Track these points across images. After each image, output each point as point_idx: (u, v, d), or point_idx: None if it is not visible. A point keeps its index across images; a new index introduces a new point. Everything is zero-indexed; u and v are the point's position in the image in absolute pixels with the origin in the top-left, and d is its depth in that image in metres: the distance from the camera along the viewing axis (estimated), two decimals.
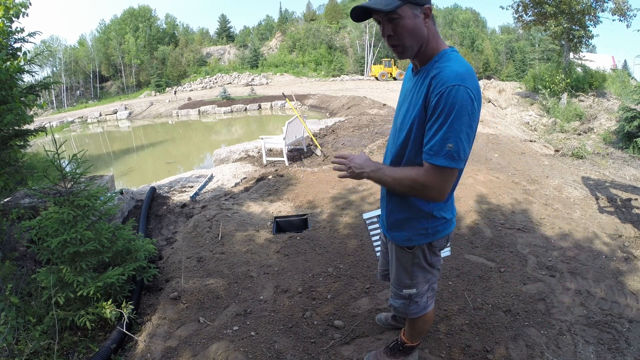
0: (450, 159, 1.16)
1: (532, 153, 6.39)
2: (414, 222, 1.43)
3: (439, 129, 1.16)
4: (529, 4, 11.62)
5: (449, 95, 1.13)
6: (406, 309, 1.61)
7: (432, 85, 1.18)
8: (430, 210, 1.40)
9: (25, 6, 3.38)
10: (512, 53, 47.67)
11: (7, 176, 3.27)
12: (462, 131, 1.15)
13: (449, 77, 1.14)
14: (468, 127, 1.16)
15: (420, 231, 1.43)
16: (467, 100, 1.13)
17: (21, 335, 2.07)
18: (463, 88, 1.13)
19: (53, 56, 40.88)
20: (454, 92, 1.12)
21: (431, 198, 1.29)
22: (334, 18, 51.21)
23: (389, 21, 1.21)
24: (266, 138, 6.47)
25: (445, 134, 1.15)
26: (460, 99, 1.13)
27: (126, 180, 9.32)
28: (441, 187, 1.22)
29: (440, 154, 1.17)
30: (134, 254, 2.61)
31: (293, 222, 3.92)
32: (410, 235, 1.45)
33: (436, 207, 1.40)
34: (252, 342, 2.16)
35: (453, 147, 1.15)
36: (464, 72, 1.16)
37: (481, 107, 1.26)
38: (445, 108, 1.14)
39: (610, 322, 2.22)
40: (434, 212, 1.41)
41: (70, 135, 20.05)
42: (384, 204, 1.55)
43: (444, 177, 1.20)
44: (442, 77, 1.16)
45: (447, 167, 1.18)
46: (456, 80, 1.13)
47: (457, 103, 1.13)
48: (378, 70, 32.89)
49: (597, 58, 15.93)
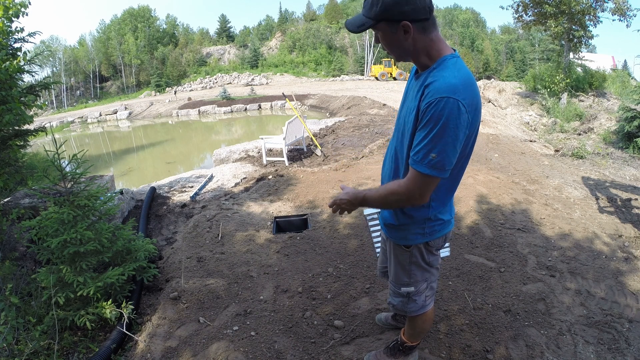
0: (432, 168, 1.19)
1: (532, 153, 6.39)
2: (411, 225, 1.45)
3: (425, 137, 1.18)
4: (529, 4, 11.62)
5: (437, 106, 1.14)
6: (404, 306, 1.63)
7: (424, 93, 1.20)
8: (428, 215, 1.42)
9: (25, 6, 3.37)
10: (512, 53, 47.71)
11: (7, 176, 3.27)
12: (448, 143, 1.17)
13: (439, 89, 1.15)
14: (454, 138, 1.17)
15: (417, 231, 1.45)
16: (455, 112, 1.14)
17: (21, 335, 2.07)
18: (453, 100, 1.13)
19: (53, 56, 40.89)
20: (443, 103, 1.13)
21: (413, 204, 1.33)
22: (334, 18, 51.24)
23: (376, 34, 1.28)
24: (266, 138, 6.47)
25: (430, 144, 1.17)
26: (448, 111, 1.13)
27: (126, 180, 9.31)
28: (422, 193, 1.26)
29: (423, 162, 1.19)
30: (134, 254, 2.61)
31: (293, 222, 3.92)
32: (407, 235, 1.47)
33: (433, 210, 1.41)
34: (252, 342, 2.16)
35: (436, 157, 1.17)
36: (457, 83, 1.16)
37: (480, 114, 1.27)
38: (433, 118, 1.15)
39: (610, 322, 2.22)
40: (431, 216, 1.43)
41: (70, 135, 20.06)
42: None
43: (425, 183, 1.24)
44: (433, 87, 1.17)
45: (429, 175, 1.21)
46: (447, 92, 1.14)
47: (445, 115, 1.14)
48: (378, 70, 32.89)
49: (597, 58, 15.93)
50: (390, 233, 1.53)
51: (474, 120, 1.21)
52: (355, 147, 6.86)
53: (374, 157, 6.05)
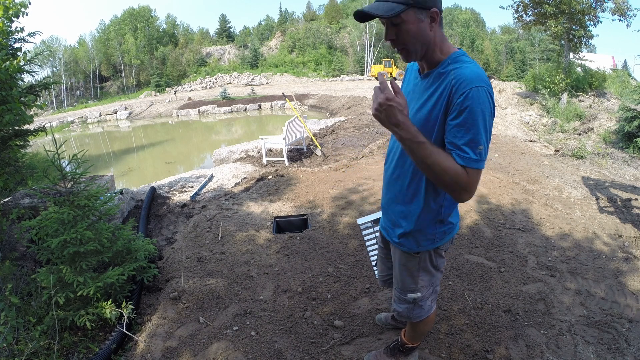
0: (481, 161, 1.17)
1: (532, 153, 6.39)
2: (424, 230, 1.41)
3: (468, 130, 1.14)
4: (529, 4, 11.63)
5: (473, 97, 1.12)
6: (410, 313, 1.59)
7: (453, 86, 1.16)
8: (443, 217, 1.39)
9: (25, 6, 3.37)
10: (512, 53, 47.68)
11: (7, 176, 3.27)
12: (488, 131, 1.16)
13: (472, 79, 1.13)
14: (490, 126, 1.17)
15: (428, 237, 1.42)
16: (488, 100, 1.14)
17: (21, 335, 2.07)
18: (484, 88, 1.13)
19: (53, 56, 40.86)
20: (479, 92, 1.12)
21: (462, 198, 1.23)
22: (334, 18, 51.21)
23: (392, 25, 1.18)
24: (266, 138, 6.47)
25: (475, 136, 1.14)
26: (482, 99, 1.12)
27: (126, 180, 9.32)
28: (475, 188, 1.22)
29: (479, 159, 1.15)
30: (134, 254, 2.61)
31: (293, 222, 3.92)
32: (419, 242, 1.43)
33: (447, 213, 1.39)
34: (252, 342, 2.16)
35: (483, 149, 1.15)
36: (482, 73, 1.16)
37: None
38: (472, 110, 1.12)
39: (610, 322, 2.22)
40: (445, 219, 1.40)
41: (70, 135, 20.06)
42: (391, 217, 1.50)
43: (478, 178, 1.20)
44: (464, 78, 1.14)
45: (480, 170, 1.18)
46: (478, 81, 1.13)
47: (481, 104, 1.12)
48: (378, 70, 32.89)
49: (597, 58, 15.94)
50: (400, 242, 1.47)
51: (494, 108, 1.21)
52: (355, 147, 6.85)
53: (374, 157, 6.05)
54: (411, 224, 1.40)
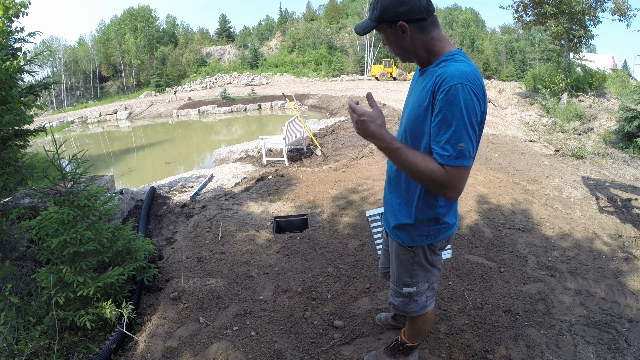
0: (463, 158, 1.17)
1: (532, 153, 6.39)
2: (418, 226, 1.44)
3: (448, 128, 1.16)
4: (529, 4, 11.64)
5: (453, 94, 1.14)
6: (405, 307, 1.62)
7: (436, 83, 1.19)
8: (437, 215, 1.41)
9: (25, 6, 3.38)
10: (512, 53, 47.70)
11: (7, 176, 3.27)
12: (469, 129, 1.16)
13: (453, 76, 1.15)
14: (475, 123, 1.17)
15: (422, 233, 1.45)
16: (472, 97, 1.15)
17: (21, 335, 2.07)
18: (467, 86, 1.14)
19: (53, 56, 40.85)
20: (460, 89, 1.13)
21: (448, 196, 1.25)
22: (334, 18, 51.22)
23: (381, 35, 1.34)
24: (266, 138, 6.47)
25: (455, 134, 1.15)
26: (464, 96, 1.13)
27: (126, 180, 9.31)
28: (460, 186, 1.23)
29: (457, 156, 1.17)
30: (134, 254, 2.61)
31: (293, 222, 3.92)
32: (413, 236, 1.47)
33: (442, 213, 1.41)
34: (252, 342, 2.16)
35: (464, 146, 1.16)
36: (469, 71, 1.17)
37: (487, 103, 1.26)
38: (452, 106, 1.14)
39: (610, 322, 2.22)
40: (440, 218, 1.42)
41: (70, 135, 20.05)
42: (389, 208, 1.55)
43: (461, 176, 1.21)
44: (447, 75, 1.17)
45: (462, 167, 1.19)
46: (460, 79, 1.14)
47: (462, 101, 1.13)
48: (378, 70, 32.87)
49: (597, 58, 15.94)
50: (395, 234, 1.52)
51: (484, 107, 1.22)
52: (355, 147, 6.85)
53: (374, 157, 6.05)
54: (405, 217, 1.45)
